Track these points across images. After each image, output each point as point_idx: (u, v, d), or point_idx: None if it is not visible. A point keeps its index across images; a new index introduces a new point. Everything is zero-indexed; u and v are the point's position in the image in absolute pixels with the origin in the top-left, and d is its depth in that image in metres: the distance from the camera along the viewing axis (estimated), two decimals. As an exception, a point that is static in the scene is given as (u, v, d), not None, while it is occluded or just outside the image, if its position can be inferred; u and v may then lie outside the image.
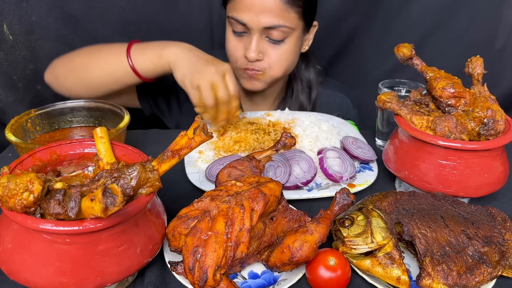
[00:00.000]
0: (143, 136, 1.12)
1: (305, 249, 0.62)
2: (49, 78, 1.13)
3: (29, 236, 0.54)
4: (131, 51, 1.03)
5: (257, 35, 1.09)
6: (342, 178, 0.89)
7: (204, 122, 0.61)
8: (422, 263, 0.64)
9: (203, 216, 0.62)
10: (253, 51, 1.10)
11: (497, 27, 1.54)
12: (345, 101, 1.39)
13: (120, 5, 1.44)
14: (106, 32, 1.45)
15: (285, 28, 1.09)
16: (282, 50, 1.13)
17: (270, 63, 1.14)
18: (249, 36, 1.11)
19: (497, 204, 0.85)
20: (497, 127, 0.78)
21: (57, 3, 1.33)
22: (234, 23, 1.10)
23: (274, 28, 1.08)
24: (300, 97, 1.32)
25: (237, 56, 1.15)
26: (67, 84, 1.10)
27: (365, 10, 1.59)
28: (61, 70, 1.11)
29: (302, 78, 1.32)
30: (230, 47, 1.16)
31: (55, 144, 0.69)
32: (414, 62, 0.87)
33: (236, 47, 1.14)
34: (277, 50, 1.13)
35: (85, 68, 1.07)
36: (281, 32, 1.09)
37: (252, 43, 1.09)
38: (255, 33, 1.09)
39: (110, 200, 0.45)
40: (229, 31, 1.15)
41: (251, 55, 1.10)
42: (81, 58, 1.09)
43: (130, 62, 1.02)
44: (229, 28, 1.14)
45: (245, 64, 1.14)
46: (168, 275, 0.67)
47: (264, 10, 1.05)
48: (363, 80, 1.63)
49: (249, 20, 1.07)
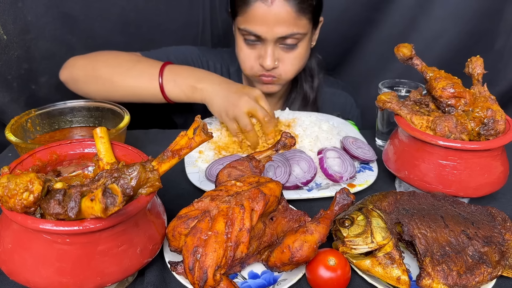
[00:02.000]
0: (143, 136, 1.12)
1: (305, 249, 0.62)
2: (66, 78, 1.13)
3: (29, 236, 0.54)
4: (164, 78, 1.05)
5: (271, 44, 1.11)
6: (342, 178, 0.89)
7: (204, 122, 0.61)
8: (422, 263, 0.64)
9: (203, 216, 0.62)
10: (270, 61, 1.12)
11: (497, 27, 1.54)
12: (348, 100, 1.40)
13: (121, 5, 1.44)
14: (104, 32, 1.45)
15: (298, 35, 1.11)
16: (296, 54, 1.15)
17: (285, 69, 1.16)
18: (263, 45, 1.12)
19: (497, 204, 0.85)
20: (497, 127, 0.78)
21: (54, 2, 1.33)
22: (247, 34, 1.11)
23: (288, 37, 1.10)
24: (304, 86, 1.33)
25: (252, 64, 1.16)
26: (86, 90, 1.12)
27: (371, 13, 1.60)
28: (82, 75, 1.11)
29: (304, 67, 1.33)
30: (242, 56, 1.17)
31: (55, 144, 0.69)
32: (414, 62, 0.87)
33: (249, 55, 1.16)
34: (291, 55, 1.15)
35: (110, 83, 1.08)
36: (295, 39, 1.11)
37: (268, 52, 1.11)
38: (269, 43, 1.10)
39: (110, 200, 0.45)
40: (240, 40, 1.16)
41: (267, 64, 1.12)
42: (106, 69, 1.09)
43: (162, 88, 1.05)
44: (240, 38, 1.15)
45: (261, 71, 1.16)
46: (168, 275, 0.67)
47: (278, 22, 1.07)
48: (367, 82, 1.64)
49: (263, 32, 1.08)
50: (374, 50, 1.67)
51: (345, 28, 1.64)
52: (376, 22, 1.62)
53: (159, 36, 1.55)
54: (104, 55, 1.14)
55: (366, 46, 1.69)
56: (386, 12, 1.60)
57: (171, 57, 1.25)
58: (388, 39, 1.57)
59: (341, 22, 1.61)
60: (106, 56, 1.14)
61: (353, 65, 1.74)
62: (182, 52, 1.29)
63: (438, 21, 1.57)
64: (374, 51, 1.67)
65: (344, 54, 1.73)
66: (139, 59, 1.13)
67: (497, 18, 1.54)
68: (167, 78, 1.05)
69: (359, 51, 1.71)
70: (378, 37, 1.65)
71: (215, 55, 1.35)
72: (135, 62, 1.11)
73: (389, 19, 1.60)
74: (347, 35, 1.67)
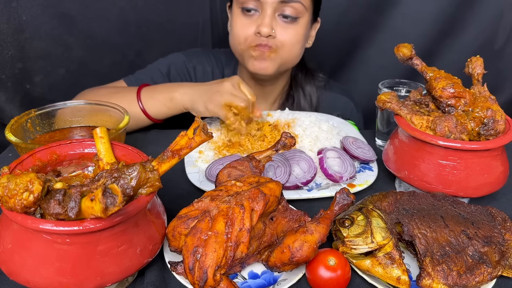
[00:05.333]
0: (143, 136, 1.12)
1: (305, 249, 0.62)
2: None
3: (29, 236, 0.54)
4: (142, 97, 1.07)
5: (270, 10, 1.08)
6: (342, 178, 0.89)
7: (204, 122, 0.61)
8: (422, 263, 0.64)
9: (203, 216, 0.62)
10: (267, 25, 1.08)
11: (497, 27, 1.55)
12: (348, 105, 1.39)
13: (120, 5, 1.44)
14: (103, 32, 1.45)
15: (299, 5, 1.08)
16: (294, 31, 1.12)
17: (282, 41, 1.12)
18: (261, 14, 1.10)
19: (497, 204, 0.85)
20: (497, 127, 0.78)
21: (50, 2, 1.33)
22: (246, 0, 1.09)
23: (288, 3, 1.07)
24: (303, 91, 1.32)
25: (247, 34, 1.12)
26: None
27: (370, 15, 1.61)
28: None
29: (303, 87, 1.32)
30: (238, 27, 1.13)
31: (55, 144, 0.69)
32: (414, 62, 0.87)
33: (245, 26, 1.12)
34: (290, 30, 1.12)
35: None
36: (294, 10, 1.08)
37: (266, 18, 1.08)
38: (268, 8, 1.08)
39: (110, 200, 0.45)
40: (236, 12, 1.13)
41: (264, 30, 1.08)
42: None
43: (141, 107, 1.07)
44: (237, 10, 1.13)
45: (256, 40, 1.12)
46: (168, 275, 0.67)
47: None
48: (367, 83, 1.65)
49: None
50: (374, 52, 1.67)
51: (345, 30, 1.64)
52: (376, 24, 1.63)
53: (158, 36, 1.55)
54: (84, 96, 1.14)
55: (366, 48, 1.69)
56: (386, 15, 1.60)
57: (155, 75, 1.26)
58: (388, 41, 1.57)
59: (341, 24, 1.61)
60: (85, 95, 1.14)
61: (353, 67, 1.75)
62: (166, 66, 1.29)
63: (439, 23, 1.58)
64: (374, 53, 1.68)
65: (344, 56, 1.74)
66: (116, 91, 1.15)
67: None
68: (145, 97, 1.07)
69: (359, 53, 1.72)
70: (378, 39, 1.65)
71: (207, 57, 1.34)
72: (113, 94, 1.11)
73: (389, 21, 1.61)
74: (346, 37, 1.67)
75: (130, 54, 1.55)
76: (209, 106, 0.98)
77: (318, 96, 1.34)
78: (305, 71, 1.33)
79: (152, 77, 1.26)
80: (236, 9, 1.14)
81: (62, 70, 1.43)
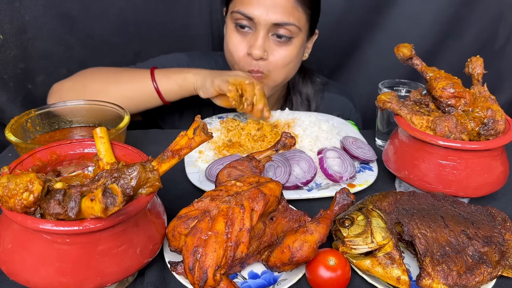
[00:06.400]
0: (143, 136, 1.12)
1: (305, 249, 0.62)
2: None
3: (29, 236, 0.54)
4: (156, 76, 1.08)
5: (263, 31, 1.06)
6: (342, 178, 0.89)
7: (204, 122, 0.61)
8: (422, 263, 0.64)
9: (203, 216, 0.62)
10: (259, 48, 1.06)
11: (497, 27, 1.55)
12: (347, 105, 1.38)
13: (119, 5, 1.44)
14: (103, 32, 1.45)
15: (293, 27, 1.07)
16: (287, 52, 1.10)
17: (274, 63, 1.10)
18: (254, 34, 1.08)
19: (497, 204, 0.85)
20: (497, 127, 0.78)
21: (52, 2, 1.33)
22: (240, 18, 1.07)
23: (282, 26, 1.06)
24: (302, 92, 1.31)
25: (239, 55, 1.11)
26: None
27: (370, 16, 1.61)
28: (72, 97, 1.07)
29: (300, 91, 1.32)
30: (231, 45, 1.12)
31: (55, 144, 0.69)
32: (414, 62, 0.87)
33: (238, 44, 1.11)
34: (282, 51, 1.10)
35: (104, 93, 1.07)
36: (288, 31, 1.07)
37: (258, 39, 1.06)
38: (262, 29, 1.06)
39: (110, 200, 0.45)
40: (230, 27, 1.12)
41: (256, 52, 1.07)
42: (97, 83, 1.10)
43: (155, 85, 1.07)
44: (231, 25, 1.11)
45: (249, 65, 1.11)
46: (168, 275, 0.67)
47: (275, 6, 1.04)
48: (367, 83, 1.65)
49: (257, 16, 1.04)
50: (374, 52, 1.67)
51: (345, 31, 1.65)
52: (376, 24, 1.63)
53: (158, 36, 1.55)
54: (88, 73, 1.14)
55: (366, 49, 1.69)
56: (386, 15, 1.60)
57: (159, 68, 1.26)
58: (388, 41, 1.57)
59: (341, 25, 1.61)
60: (91, 74, 1.14)
61: (353, 67, 1.75)
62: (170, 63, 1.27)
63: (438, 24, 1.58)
64: (374, 53, 1.68)
65: (344, 56, 1.74)
66: (124, 69, 1.15)
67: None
68: (159, 75, 1.08)
69: (359, 53, 1.72)
70: (377, 40, 1.65)
71: (208, 60, 1.33)
72: (122, 71, 1.12)
73: (389, 21, 1.61)
74: (346, 37, 1.67)
75: (129, 54, 1.55)
76: (215, 81, 1.00)
77: (317, 100, 1.34)
78: (303, 74, 1.33)
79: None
80: (230, 23, 1.12)
81: (64, 70, 1.43)
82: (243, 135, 1.01)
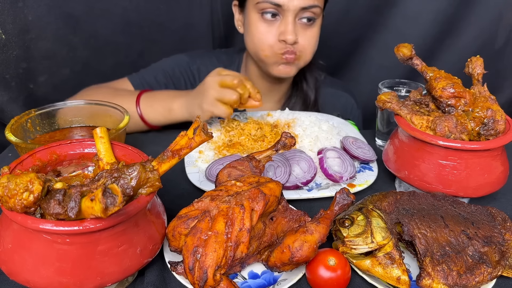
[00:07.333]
0: (143, 136, 1.12)
1: (305, 249, 0.62)
2: None
3: (29, 236, 0.54)
4: (141, 104, 1.10)
5: (292, 17, 1.09)
6: (342, 178, 0.89)
7: (204, 122, 0.61)
8: (422, 263, 0.64)
9: (203, 216, 0.62)
10: (291, 33, 1.10)
11: (497, 27, 1.55)
12: (349, 101, 1.40)
13: (122, 5, 1.44)
14: (106, 32, 1.45)
15: (317, 9, 1.11)
16: (313, 33, 1.15)
17: (304, 45, 1.15)
18: (283, 20, 1.11)
19: (497, 204, 0.85)
20: (497, 127, 0.78)
21: (56, 3, 1.33)
22: (267, 7, 1.10)
23: (308, 9, 1.09)
24: (304, 87, 1.33)
25: (271, 41, 1.13)
26: None
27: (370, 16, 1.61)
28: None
29: (307, 78, 1.33)
30: (259, 34, 1.14)
31: (55, 144, 0.69)
32: (414, 62, 0.87)
33: (267, 33, 1.13)
34: (309, 32, 1.14)
35: None
36: (313, 13, 1.11)
37: (289, 25, 1.10)
38: (290, 15, 1.09)
39: (110, 200, 0.45)
40: (255, 18, 1.14)
41: (289, 38, 1.10)
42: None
43: (141, 115, 1.10)
44: (255, 15, 1.13)
45: (283, 48, 1.13)
46: (168, 275, 0.67)
47: None
48: (368, 83, 1.65)
49: (286, 2, 1.07)
50: (374, 52, 1.68)
51: (346, 31, 1.65)
52: (376, 24, 1.63)
53: (160, 36, 1.56)
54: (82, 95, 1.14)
55: (366, 48, 1.69)
56: (386, 15, 1.60)
57: (159, 75, 1.27)
58: (388, 41, 1.57)
59: (341, 25, 1.62)
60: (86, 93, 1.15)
61: (354, 67, 1.75)
62: (170, 66, 1.30)
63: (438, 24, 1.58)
64: (374, 53, 1.68)
65: (345, 56, 1.74)
66: (116, 93, 1.16)
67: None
68: (144, 105, 1.10)
69: (359, 53, 1.72)
70: (378, 39, 1.65)
71: (210, 58, 1.34)
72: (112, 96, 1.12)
73: (389, 21, 1.61)
74: (348, 37, 1.67)
75: (132, 54, 1.55)
76: (204, 106, 0.99)
77: (322, 96, 1.34)
78: (308, 70, 1.34)
79: (156, 77, 1.27)
80: (253, 14, 1.14)
81: (67, 70, 1.44)
82: (243, 135, 1.02)
